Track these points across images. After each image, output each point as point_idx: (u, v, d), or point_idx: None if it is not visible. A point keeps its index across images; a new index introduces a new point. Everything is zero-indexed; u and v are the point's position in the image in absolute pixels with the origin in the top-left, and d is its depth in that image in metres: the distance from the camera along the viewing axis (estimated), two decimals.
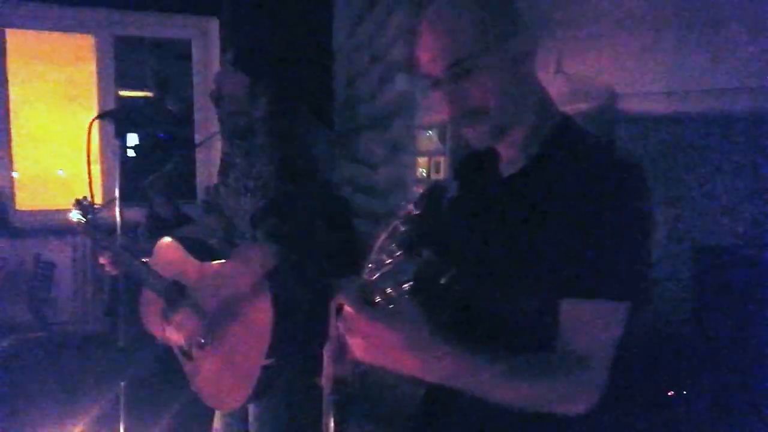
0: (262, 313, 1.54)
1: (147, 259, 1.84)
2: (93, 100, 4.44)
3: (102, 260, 1.84)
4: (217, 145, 4.29)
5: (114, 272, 1.83)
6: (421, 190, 2.79)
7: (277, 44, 1.72)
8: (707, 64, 1.64)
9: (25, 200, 4.49)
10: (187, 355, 1.72)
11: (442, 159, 2.64)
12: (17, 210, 4.17)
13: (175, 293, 1.73)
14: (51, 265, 3.39)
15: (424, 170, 2.82)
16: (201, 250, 1.78)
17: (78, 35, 4.40)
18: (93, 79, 4.37)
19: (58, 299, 3.59)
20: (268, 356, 1.52)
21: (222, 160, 1.86)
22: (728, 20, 1.55)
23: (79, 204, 1.98)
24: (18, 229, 3.95)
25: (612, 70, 1.91)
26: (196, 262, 1.74)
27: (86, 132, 1.83)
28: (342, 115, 4.34)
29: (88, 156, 1.84)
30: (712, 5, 1.61)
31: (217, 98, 1.70)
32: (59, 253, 3.91)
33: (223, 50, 4.17)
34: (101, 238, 1.88)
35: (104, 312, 3.97)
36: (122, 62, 4.48)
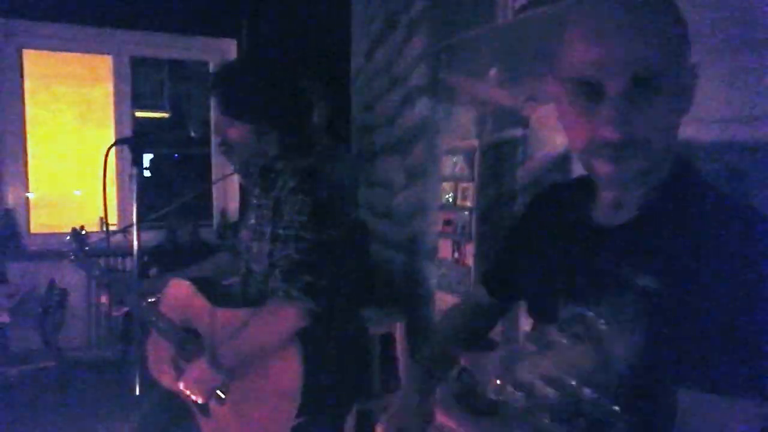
0: (291, 373, 1.44)
1: (154, 299, 1.73)
2: (109, 120, 4.42)
3: (103, 299, 1.72)
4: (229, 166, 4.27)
5: (116, 314, 1.73)
6: (447, 215, 2.71)
7: (281, 71, 1.57)
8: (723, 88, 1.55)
9: (40, 221, 4.46)
10: (203, 410, 1.59)
11: (470, 185, 2.55)
12: (32, 233, 4.12)
13: (189, 342, 1.62)
14: (64, 292, 3.32)
15: (450, 196, 2.73)
16: (215, 292, 1.66)
17: (95, 56, 4.40)
18: (110, 100, 4.36)
19: (70, 325, 3.52)
20: (298, 416, 1.42)
21: (242, 199, 1.78)
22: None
23: (75, 234, 1.84)
24: (32, 252, 3.90)
25: None
26: (211, 307, 1.60)
27: (103, 156, 1.76)
28: (360, 140, 4.28)
29: (104, 181, 1.76)
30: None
31: (226, 150, 1.59)
32: (73, 276, 3.85)
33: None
34: (101, 275, 1.76)
35: (118, 338, 3.90)
36: (138, 83, 4.46)
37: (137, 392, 1.77)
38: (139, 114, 5.23)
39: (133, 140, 1.88)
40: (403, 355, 2.74)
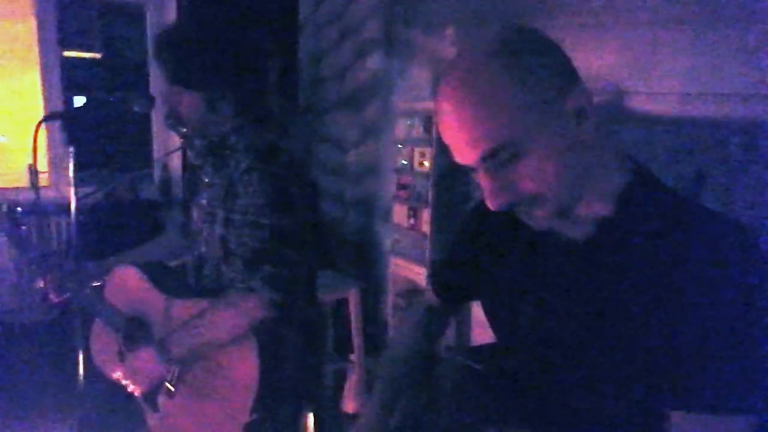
0: (247, 366, 1.35)
1: (98, 284, 1.59)
2: (36, 58, 4.06)
3: (39, 285, 1.54)
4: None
5: (55, 300, 1.54)
6: (403, 180, 2.66)
7: (228, 32, 1.39)
8: (727, 65, 1.54)
9: None
10: (151, 404, 1.49)
11: (427, 150, 2.49)
12: None
13: (135, 331, 1.50)
14: None
15: (405, 160, 2.67)
16: (165, 280, 1.53)
17: None
18: (34, 37, 4.00)
19: (3, 289, 3.32)
20: (252, 411, 1.35)
21: (190, 175, 1.59)
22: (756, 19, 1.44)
23: (8, 216, 1.63)
24: None
25: (620, 65, 1.79)
26: (163, 297, 1.49)
27: (33, 130, 1.58)
28: (309, 93, 4.12)
29: (35, 161, 1.59)
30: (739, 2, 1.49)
31: (174, 123, 1.41)
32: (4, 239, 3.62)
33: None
34: (36, 259, 1.56)
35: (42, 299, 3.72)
36: (67, 21, 4.12)
37: (80, 382, 1.66)
38: (68, 54, 4.83)
39: (66, 117, 1.68)
40: (357, 323, 2.72)
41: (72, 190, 1.60)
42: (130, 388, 1.43)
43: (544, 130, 0.74)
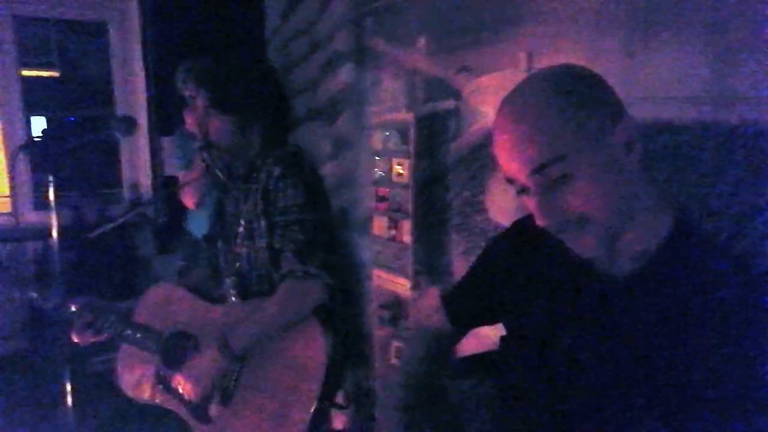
0: (315, 351, 1.41)
1: (126, 313, 1.60)
2: None
3: (74, 337, 1.58)
4: (141, 137, 3.96)
5: (90, 341, 1.59)
6: (379, 191, 2.65)
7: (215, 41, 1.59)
8: (701, 70, 1.56)
9: None
10: (201, 416, 1.48)
11: (405, 161, 2.49)
12: None
13: (176, 344, 1.52)
14: None
15: (382, 172, 2.66)
16: (207, 296, 1.60)
17: None
18: None
19: None
20: (321, 398, 1.38)
21: (217, 207, 1.69)
22: (729, 23, 1.47)
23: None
24: None
25: (618, 70, 1.80)
26: (209, 305, 1.54)
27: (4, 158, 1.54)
28: None
29: (12, 191, 1.56)
30: (712, 6, 1.52)
31: (207, 150, 1.53)
32: None
33: (145, 35, 3.80)
34: (58, 306, 1.63)
35: (24, 329, 3.60)
36: (22, 38, 3.99)
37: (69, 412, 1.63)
38: (26, 73, 4.70)
39: (38, 145, 1.65)
40: None
41: (53, 216, 1.60)
42: (187, 395, 1.42)
43: (594, 152, 0.79)
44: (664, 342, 0.79)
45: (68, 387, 1.66)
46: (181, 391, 1.44)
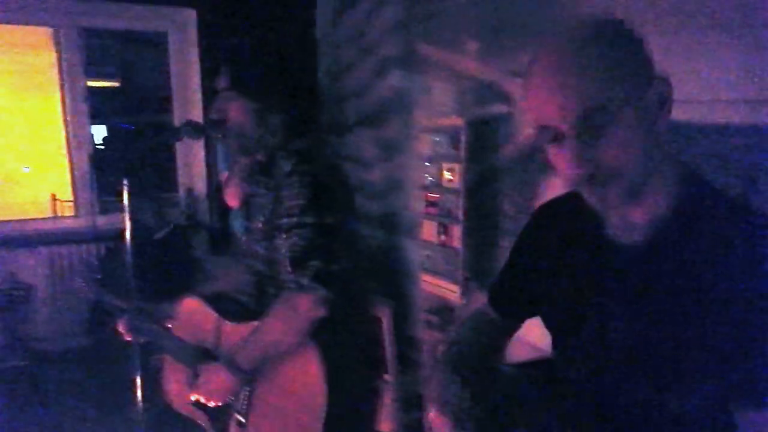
0: (311, 377, 1.37)
1: (169, 323, 1.63)
2: (54, 88, 4.12)
3: (120, 328, 1.61)
4: (197, 143, 4.09)
5: (131, 340, 1.61)
6: (429, 196, 2.65)
7: (266, 41, 1.49)
8: (758, 71, 1.51)
9: None
10: (241, 420, 1.50)
11: (456, 166, 2.48)
12: None
13: (203, 359, 1.53)
14: (29, 287, 3.13)
15: (432, 177, 2.66)
16: (227, 307, 1.57)
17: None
18: (54, 68, 4.06)
19: (33, 316, 3.35)
20: (325, 426, 1.35)
21: (243, 203, 1.64)
22: None
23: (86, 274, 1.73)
24: None
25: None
26: (228, 323, 1.52)
27: (59, 160, 1.61)
28: (328, 111, 4.14)
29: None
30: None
31: (222, 134, 1.45)
32: (34, 266, 3.67)
33: (202, 46, 3.93)
34: (113, 302, 1.66)
35: (87, 327, 3.75)
36: (86, 51, 4.19)
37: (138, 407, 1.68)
38: (89, 83, 4.93)
39: (114, 150, 1.70)
40: (390, 342, 2.70)
41: (126, 218, 1.65)
42: (207, 401, 1.44)
43: (631, 108, 0.79)
44: (691, 300, 0.80)
45: (138, 382, 1.72)
46: (202, 400, 1.45)
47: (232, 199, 2.59)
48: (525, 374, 1.07)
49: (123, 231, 3.12)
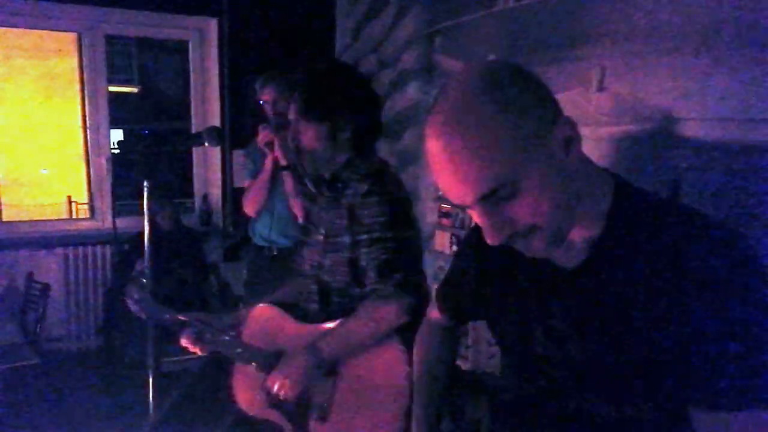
0: (397, 371, 1.45)
1: (236, 333, 1.68)
2: (75, 94, 4.18)
3: (183, 342, 1.64)
4: (213, 150, 4.13)
5: (199, 353, 1.64)
6: (442, 207, 2.67)
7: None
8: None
9: (11, 204, 4.26)
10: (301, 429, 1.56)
11: None
12: (3, 222, 3.92)
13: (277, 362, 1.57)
14: (46, 287, 3.17)
15: None
16: (297, 313, 1.65)
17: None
18: (76, 74, 4.13)
19: (48, 316, 3.38)
20: (406, 417, 1.40)
21: (305, 219, 1.74)
22: None
23: (136, 282, 1.75)
24: (5, 242, 3.71)
25: (671, 90, 1.78)
26: (302, 325, 1.59)
27: (76, 163, 1.65)
28: None
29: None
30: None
31: (297, 158, 1.56)
32: (51, 266, 3.72)
33: (222, 52, 3.99)
34: (171, 317, 1.67)
35: (101, 328, 3.79)
36: (109, 58, 4.25)
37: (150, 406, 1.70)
38: (110, 89, 5.00)
39: (135, 153, 1.72)
40: None
41: (146, 220, 1.67)
42: (280, 393, 1.49)
43: (536, 163, 0.74)
44: (632, 312, 0.80)
45: (151, 383, 1.73)
46: (276, 389, 1.50)
47: (251, 207, 2.62)
48: (481, 382, 1.10)
49: (141, 233, 3.17)
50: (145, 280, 1.75)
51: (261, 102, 2.59)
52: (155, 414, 1.80)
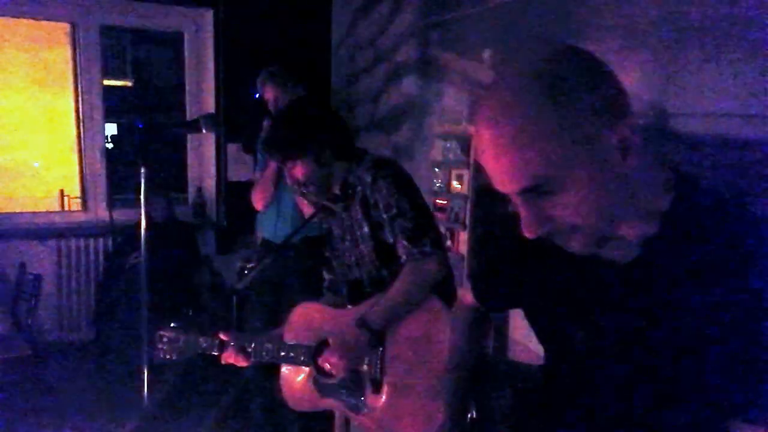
0: (441, 324, 1.53)
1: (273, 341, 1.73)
2: (68, 85, 4.15)
3: (226, 358, 1.69)
4: (208, 143, 4.12)
5: (243, 364, 1.70)
6: (437, 202, 2.67)
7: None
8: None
9: (3, 195, 4.23)
10: (356, 408, 1.63)
11: (465, 172, 2.50)
12: None
13: (324, 348, 1.63)
14: (38, 278, 3.16)
15: (441, 182, 2.68)
16: (338, 304, 1.76)
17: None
18: (68, 65, 4.09)
19: (41, 307, 3.37)
20: (455, 369, 1.45)
21: (326, 233, 1.83)
22: None
23: (172, 329, 1.78)
24: None
25: (666, 86, 1.79)
26: (344, 310, 1.69)
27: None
28: (343, 116, 4.17)
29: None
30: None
31: (303, 191, 1.69)
32: (43, 257, 3.70)
33: (218, 44, 3.97)
34: (209, 342, 1.72)
35: (92, 320, 3.77)
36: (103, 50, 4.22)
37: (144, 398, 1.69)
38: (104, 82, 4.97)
39: (134, 138, 1.70)
40: None
41: (142, 211, 1.65)
42: (332, 370, 1.59)
43: (585, 165, 0.71)
44: (679, 316, 0.76)
45: (145, 374, 1.73)
46: (328, 367, 1.59)
47: (259, 201, 2.62)
48: (522, 374, 1.09)
49: (134, 225, 3.14)
50: (174, 325, 1.77)
51: (263, 97, 2.59)
52: (148, 404, 1.80)
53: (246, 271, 2.59)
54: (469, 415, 1.18)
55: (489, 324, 1.26)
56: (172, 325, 1.73)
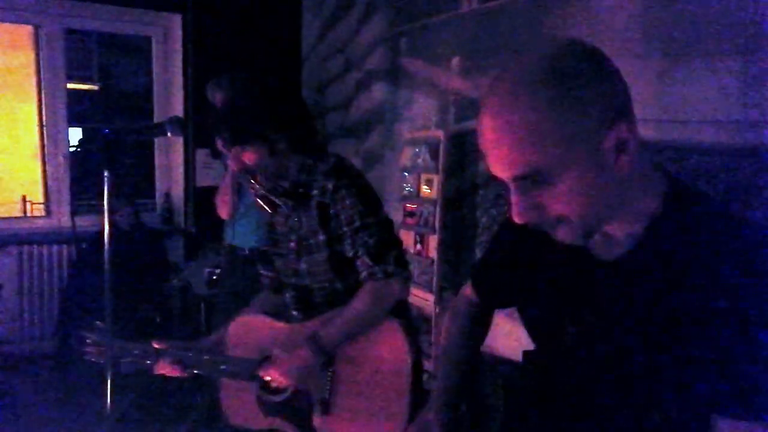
0: (398, 349, 1.48)
1: (214, 350, 1.66)
2: (31, 89, 4.06)
3: (160, 369, 1.61)
4: (176, 148, 4.07)
5: (180, 375, 1.62)
6: (407, 206, 2.69)
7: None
8: (734, 93, 1.59)
9: None
10: (306, 428, 1.55)
11: (434, 177, 2.53)
12: None
13: (265, 363, 1.56)
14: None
15: (411, 187, 2.70)
16: (281, 315, 1.65)
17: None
18: (31, 69, 4.00)
19: (1, 316, 3.28)
20: (411, 396, 1.44)
21: (269, 230, 1.72)
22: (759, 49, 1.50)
23: (96, 331, 1.69)
24: None
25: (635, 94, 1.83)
26: (290, 325, 1.60)
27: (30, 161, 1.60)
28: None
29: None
30: (742, 32, 1.54)
31: (250, 178, 1.54)
32: (2, 268, 3.60)
33: (186, 51, 3.93)
34: (142, 349, 1.63)
35: (55, 329, 3.68)
36: (67, 54, 4.14)
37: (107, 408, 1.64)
38: (68, 86, 4.87)
39: (102, 148, 1.63)
40: None
41: (106, 218, 1.59)
42: (278, 381, 1.50)
43: (579, 161, 0.73)
44: (664, 314, 0.78)
45: (108, 384, 1.67)
46: (274, 384, 1.51)
47: (224, 209, 2.58)
48: (514, 368, 1.09)
49: (99, 232, 3.07)
50: (99, 322, 1.65)
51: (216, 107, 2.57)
52: (112, 414, 1.76)
53: (214, 277, 2.57)
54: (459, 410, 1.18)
55: (489, 318, 1.24)
56: (97, 323, 1.65)
